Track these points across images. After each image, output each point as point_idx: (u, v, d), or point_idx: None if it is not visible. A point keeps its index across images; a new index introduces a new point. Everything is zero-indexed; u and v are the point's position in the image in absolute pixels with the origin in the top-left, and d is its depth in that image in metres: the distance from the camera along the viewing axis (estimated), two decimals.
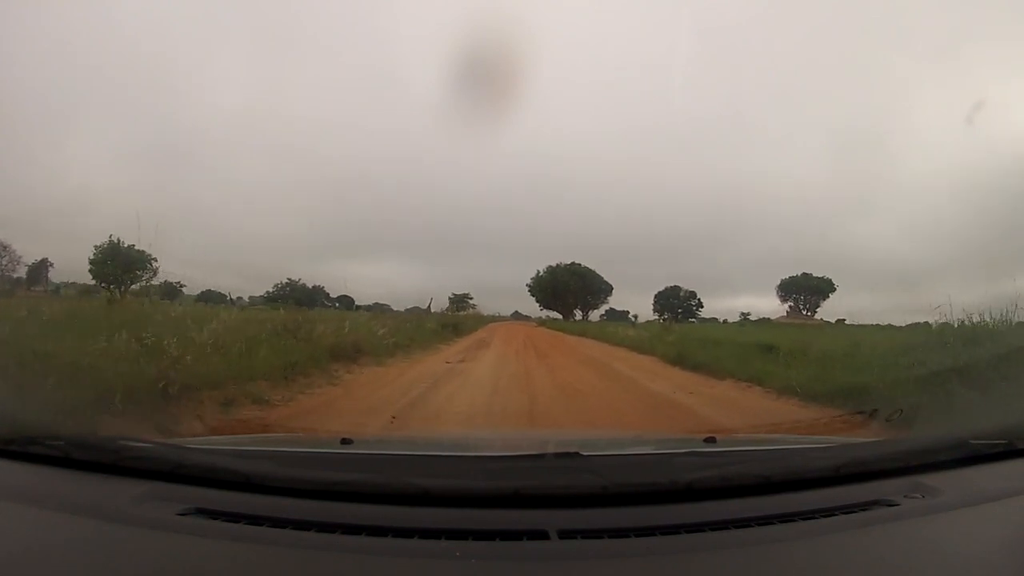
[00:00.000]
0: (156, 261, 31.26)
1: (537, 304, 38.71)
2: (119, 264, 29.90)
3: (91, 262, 30.20)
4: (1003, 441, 1.52)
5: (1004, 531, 1.21)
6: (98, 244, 28.23)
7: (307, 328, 9.22)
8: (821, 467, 1.35)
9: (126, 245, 30.54)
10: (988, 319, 6.99)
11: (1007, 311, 6.99)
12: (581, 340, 20.44)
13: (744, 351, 11.47)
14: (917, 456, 1.44)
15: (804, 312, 38.64)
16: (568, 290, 39.09)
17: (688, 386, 8.27)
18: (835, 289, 35.65)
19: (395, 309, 22.19)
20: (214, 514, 1.14)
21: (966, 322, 7.14)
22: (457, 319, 22.50)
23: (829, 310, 35.17)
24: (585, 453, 1.32)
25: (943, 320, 7.42)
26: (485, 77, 18.63)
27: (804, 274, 38.19)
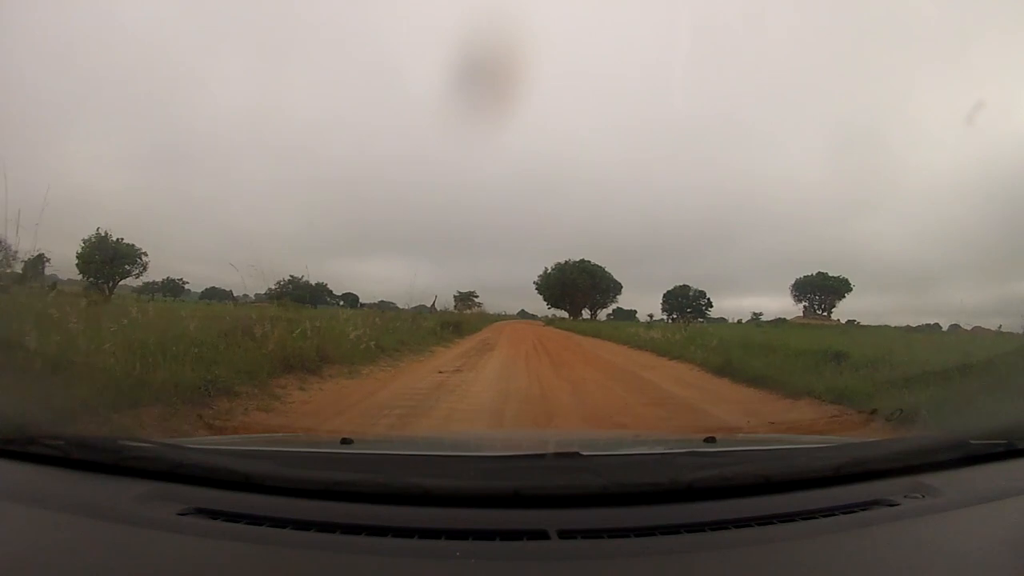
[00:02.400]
0: (146, 255, 29.21)
1: (544, 302, 37.47)
2: (106, 258, 27.81)
3: (78, 256, 28.02)
4: (1003, 441, 1.50)
5: (1004, 531, 1.19)
6: (85, 238, 26.38)
7: (259, 328, 6.98)
8: (821, 467, 1.32)
9: (115, 239, 28.32)
10: None
11: None
12: (596, 342, 18.36)
13: (802, 359, 9.56)
14: (917, 456, 1.42)
15: (819, 312, 37.37)
16: (577, 288, 38.07)
17: (760, 410, 6.45)
18: (851, 289, 34.65)
19: (401, 307, 20.89)
20: (214, 514, 1.12)
21: None
22: (459, 318, 20.73)
23: (840, 310, 33.82)
24: (585, 453, 1.30)
25: None
26: (493, 77, 19.05)
27: (820, 273, 37.17)
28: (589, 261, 36.68)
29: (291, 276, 25.91)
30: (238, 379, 5.64)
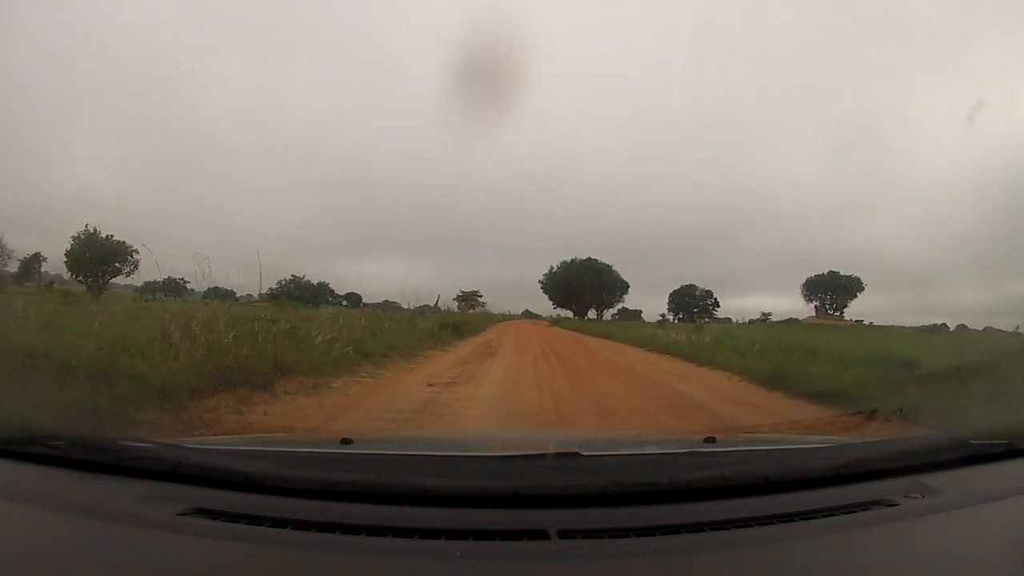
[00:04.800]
0: (137, 253, 27.88)
1: (550, 302, 36.36)
2: (96, 255, 26.33)
3: (67, 254, 26.62)
4: (1003, 441, 1.49)
5: (1004, 531, 1.18)
6: (75, 235, 25.12)
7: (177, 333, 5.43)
8: (821, 467, 1.32)
9: (105, 236, 26.85)
10: None
11: None
12: (610, 345, 16.80)
13: (862, 367, 8.09)
14: (917, 456, 1.41)
15: (830, 312, 36.71)
16: (584, 287, 36.99)
17: None
18: (863, 288, 33.97)
19: (404, 307, 19.77)
20: (214, 514, 1.12)
21: None
22: (460, 318, 19.33)
23: (847, 310, 32.99)
24: (585, 453, 1.30)
25: None
26: (493, 77, 18.49)
27: (831, 272, 36.44)
28: (596, 259, 35.48)
29: (292, 276, 24.52)
30: (147, 400, 4.14)
